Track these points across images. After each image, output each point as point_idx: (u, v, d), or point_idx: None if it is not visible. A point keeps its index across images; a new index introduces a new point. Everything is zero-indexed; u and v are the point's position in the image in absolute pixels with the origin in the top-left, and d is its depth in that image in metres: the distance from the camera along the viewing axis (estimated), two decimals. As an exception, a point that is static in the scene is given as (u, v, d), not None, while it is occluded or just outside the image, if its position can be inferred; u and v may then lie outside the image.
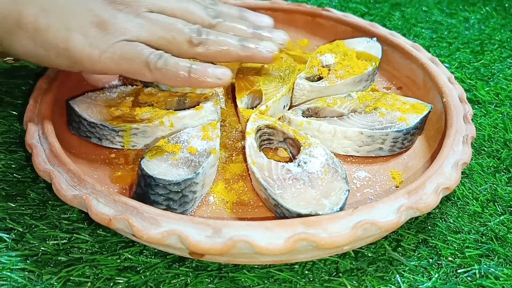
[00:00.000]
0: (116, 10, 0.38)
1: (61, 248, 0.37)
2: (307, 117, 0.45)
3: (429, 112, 0.45)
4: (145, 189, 0.37)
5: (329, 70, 0.50)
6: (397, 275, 0.36)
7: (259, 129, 0.43)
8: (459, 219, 0.41)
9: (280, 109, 0.47)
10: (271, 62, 0.43)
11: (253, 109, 0.45)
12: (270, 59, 0.42)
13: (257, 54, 0.41)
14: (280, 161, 0.40)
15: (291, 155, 0.44)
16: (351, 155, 0.45)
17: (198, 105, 0.45)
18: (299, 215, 0.35)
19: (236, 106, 0.48)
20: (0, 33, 0.37)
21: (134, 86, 0.48)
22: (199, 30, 0.39)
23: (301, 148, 0.41)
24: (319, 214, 0.35)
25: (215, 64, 0.41)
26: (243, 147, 0.43)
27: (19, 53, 0.38)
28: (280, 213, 0.37)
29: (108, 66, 0.37)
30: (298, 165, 0.40)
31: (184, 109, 0.45)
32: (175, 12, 0.39)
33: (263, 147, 0.45)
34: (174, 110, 0.45)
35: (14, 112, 0.49)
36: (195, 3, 0.41)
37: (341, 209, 0.36)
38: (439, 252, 0.38)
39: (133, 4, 0.38)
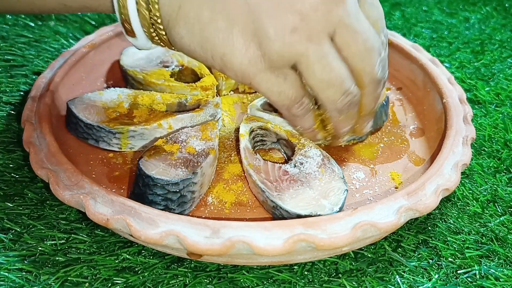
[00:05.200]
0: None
1: (59, 248, 0.37)
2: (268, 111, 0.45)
3: None
4: (143, 189, 0.36)
5: None
6: (397, 276, 0.36)
7: (252, 131, 0.43)
8: (459, 219, 0.41)
9: None
10: None
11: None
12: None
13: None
14: (276, 162, 0.40)
15: (285, 156, 0.44)
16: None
17: (198, 107, 0.45)
18: (299, 216, 0.35)
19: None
20: (165, 16, 0.33)
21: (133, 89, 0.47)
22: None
23: (296, 148, 0.41)
24: (320, 215, 0.34)
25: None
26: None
27: (175, 45, 0.34)
28: (278, 214, 0.37)
29: (258, 85, 0.34)
30: (295, 166, 0.39)
31: (184, 111, 0.45)
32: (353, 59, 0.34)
33: (256, 148, 0.44)
34: (174, 112, 0.44)
35: (12, 112, 0.49)
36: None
37: (341, 209, 0.36)
38: (439, 253, 0.38)
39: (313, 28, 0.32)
